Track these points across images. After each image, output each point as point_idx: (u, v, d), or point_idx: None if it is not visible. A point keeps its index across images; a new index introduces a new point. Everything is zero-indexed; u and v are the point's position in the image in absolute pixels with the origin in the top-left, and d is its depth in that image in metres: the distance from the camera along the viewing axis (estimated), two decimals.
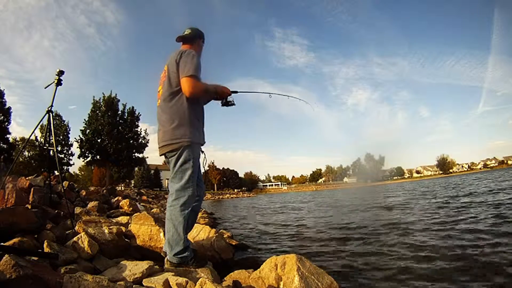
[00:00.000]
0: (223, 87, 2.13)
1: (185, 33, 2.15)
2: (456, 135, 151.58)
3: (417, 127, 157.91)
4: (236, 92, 2.24)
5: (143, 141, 22.81)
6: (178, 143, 1.88)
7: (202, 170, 2.18)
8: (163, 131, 1.95)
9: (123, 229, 2.44)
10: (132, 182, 47.67)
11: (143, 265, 1.74)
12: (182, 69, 1.87)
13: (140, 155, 23.07)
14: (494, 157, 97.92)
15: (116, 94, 21.89)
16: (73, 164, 24.41)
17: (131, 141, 21.93)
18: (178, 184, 1.90)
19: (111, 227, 2.26)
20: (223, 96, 2.15)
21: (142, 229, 2.39)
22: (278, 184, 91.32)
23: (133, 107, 22.58)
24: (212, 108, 2.26)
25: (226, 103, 2.18)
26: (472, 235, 3.14)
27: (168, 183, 2.03)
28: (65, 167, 24.03)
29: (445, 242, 2.92)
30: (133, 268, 1.72)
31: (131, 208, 4.59)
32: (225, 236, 3.63)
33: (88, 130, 20.64)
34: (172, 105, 1.93)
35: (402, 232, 3.60)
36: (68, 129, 24.19)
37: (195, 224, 2.52)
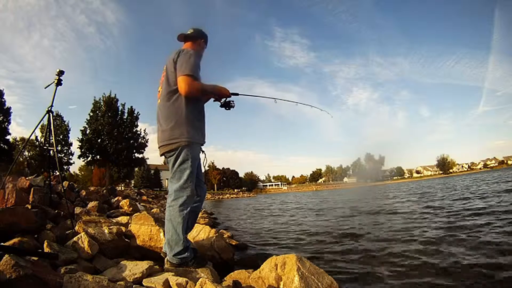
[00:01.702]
0: (221, 88, 2.10)
1: (188, 32, 2.15)
2: (456, 135, 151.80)
3: (417, 127, 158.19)
4: (237, 94, 2.19)
5: (143, 141, 22.80)
6: (176, 143, 1.87)
7: (203, 170, 2.18)
8: (162, 131, 1.95)
9: (123, 229, 2.44)
10: (132, 182, 47.66)
11: (143, 265, 1.74)
12: (179, 68, 1.86)
13: (140, 155, 23.07)
14: (494, 157, 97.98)
15: (115, 94, 21.92)
16: (73, 163, 24.43)
17: (131, 141, 21.93)
18: (176, 184, 1.89)
19: (111, 227, 2.26)
20: (221, 96, 2.12)
21: (142, 229, 2.39)
22: (278, 184, 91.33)
23: (132, 107, 22.60)
24: (212, 108, 2.25)
25: (225, 105, 2.15)
26: (478, 244, 2.82)
27: (168, 183, 2.03)
28: (65, 167, 24.05)
29: (448, 248, 2.83)
30: (133, 268, 1.71)
31: (131, 208, 4.60)
32: (225, 236, 3.64)
33: (88, 130, 20.65)
34: (170, 104, 1.92)
35: (403, 235, 3.56)
36: (68, 129, 24.20)
37: (195, 224, 2.52)
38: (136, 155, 22.57)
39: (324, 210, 8.29)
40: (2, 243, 1.53)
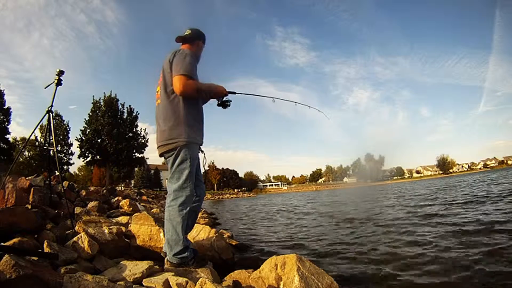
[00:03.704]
0: (217, 86, 2.11)
1: (185, 33, 2.15)
2: (456, 135, 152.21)
3: (417, 127, 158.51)
4: (234, 93, 2.19)
5: (143, 141, 22.80)
6: (175, 143, 1.88)
7: (202, 170, 2.18)
8: (160, 131, 1.96)
9: (123, 229, 2.44)
10: (132, 182, 47.70)
11: (143, 265, 1.74)
12: (174, 68, 1.88)
13: (140, 155, 23.07)
14: (494, 157, 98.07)
15: (116, 94, 21.91)
16: (73, 163, 24.44)
17: (131, 141, 21.92)
18: (175, 184, 1.90)
19: (111, 227, 2.26)
20: (217, 95, 2.13)
21: (142, 229, 2.39)
22: (278, 184, 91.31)
23: (131, 106, 22.59)
24: (211, 108, 2.25)
25: (222, 104, 2.15)
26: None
27: (167, 183, 2.04)
28: (65, 167, 24.05)
29: (450, 251, 2.73)
30: (133, 268, 1.71)
31: (131, 208, 4.59)
32: (225, 236, 3.63)
33: (88, 130, 20.63)
34: (168, 105, 1.93)
35: (404, 238, 3.52)
36: (68, 129, 24.21)
37: (195, 224, 2.52)
38: (136, 155, 22.58)
39: (323, 212, 8.29)
40: (2, 243, 1.53)
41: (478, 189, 10.04)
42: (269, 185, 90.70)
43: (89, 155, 20.71)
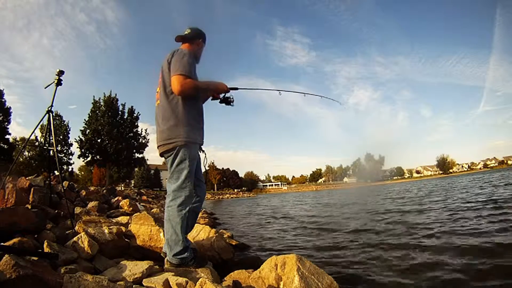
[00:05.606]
0: (218, 84, 2.10)
1: (185, 32, 2.15)
2: (456, 135, 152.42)
3: (417, 127, 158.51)
4: (236, 89, 2.16)
5: (143, 141, 22.83)
6: (173, 143, 1.88)
7: (203, 170, 2.17)
8: (159, 131, 1.96)
9: (123, 229, 2.44)
10: (132, 182, 47.75)
11: (143, 265, 1.74)
12: (172, 68, 1.88)
13: (140, 155, 23.10)
14: (494, 157, 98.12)
15: (116, 94, 21.93)
16: (73, 163, 24.47)
17: (131, 141, 21.95)
18: (175, 184, 1.90)
19: (111, 227, 2.26)
20: (218, 93, 2.11)
21: (142, 229, 2.39)
22: (278, 184, 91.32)
23: (132, 107, 22.61)
24: (212, 108, 2.24)
25: (225, 101, 2.12)
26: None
27: (167, 183, 2.04)
28: (65, 167, 24.06)
29: (450, 255, 2.65)
30: (133, 268, 1.71)
31: (131, 208, 4.59)
32: (225, 236, 3.63)
33: (88, 130, 20.65)
34: (167, 105, 1.93)
35: (404, 239, 3.50)
36: (68, 129, 24.24)
37: (195, 224, 2.52)
38: (136, 155, 22.60)
39: (323, 213, 8.28)
40: (2, 243, 1.53)
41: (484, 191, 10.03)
42: (269, 185, 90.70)
43: (89, 155, 20.74)
